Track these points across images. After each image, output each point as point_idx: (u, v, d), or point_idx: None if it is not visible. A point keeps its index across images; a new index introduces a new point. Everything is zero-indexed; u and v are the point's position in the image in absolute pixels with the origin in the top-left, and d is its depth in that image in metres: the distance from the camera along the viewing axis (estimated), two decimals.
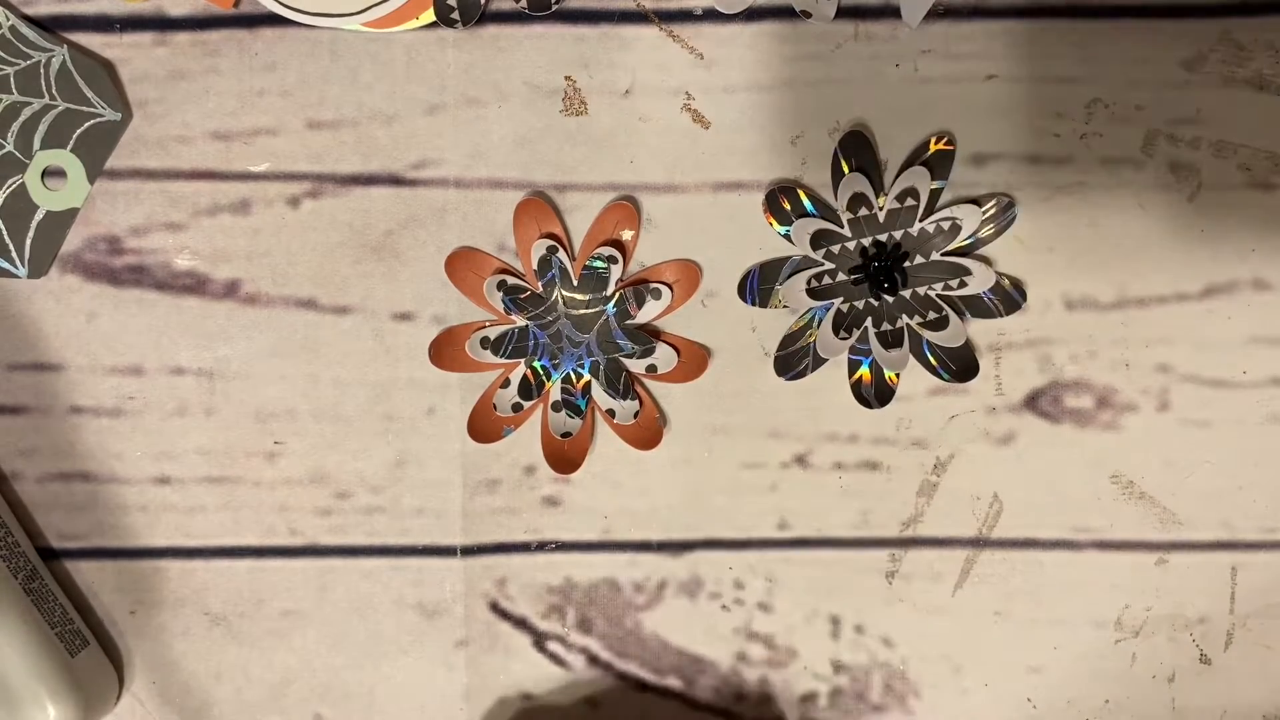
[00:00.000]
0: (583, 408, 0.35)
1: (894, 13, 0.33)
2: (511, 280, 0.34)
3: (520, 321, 0.34)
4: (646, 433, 0.35)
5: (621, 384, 0.34)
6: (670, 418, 0.35)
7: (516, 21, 0.34)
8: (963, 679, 0.36)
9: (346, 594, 0.36)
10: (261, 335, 0.35)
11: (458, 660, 0.36)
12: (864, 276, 0.34)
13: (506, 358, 0.34)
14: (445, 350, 0.34)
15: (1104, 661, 0.36)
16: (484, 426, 0.35)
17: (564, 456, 0.35)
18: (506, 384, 0.35)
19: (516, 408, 0.34)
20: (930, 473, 0.35)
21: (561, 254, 0.34)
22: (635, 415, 0.34)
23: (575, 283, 0.34)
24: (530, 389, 0.34)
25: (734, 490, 0.35)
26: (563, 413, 0.35)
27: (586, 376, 0.34)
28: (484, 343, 0.34)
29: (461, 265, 0.34)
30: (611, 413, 0.34)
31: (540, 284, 0.34)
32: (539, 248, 0.34)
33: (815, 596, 0.36)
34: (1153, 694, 0.36)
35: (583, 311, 0.34)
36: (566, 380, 0.34)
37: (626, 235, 0.34)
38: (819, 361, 0.34)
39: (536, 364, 0.34)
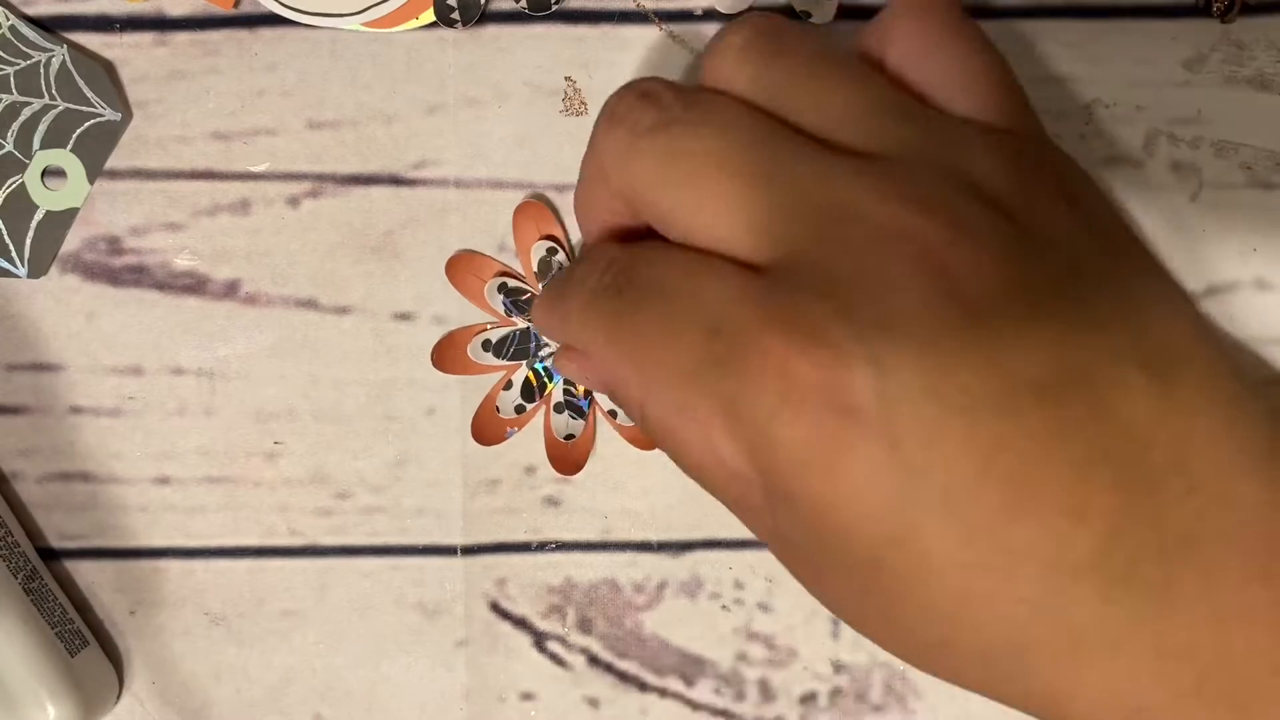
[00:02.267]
0: (585, 409, 0.35)
1: None
2: (512, 283, 0.34)
3: (521, 324, 0.34)
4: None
5: None
6: None
7: (516, 21, 0.34)
8: None
9: (347, 594, 0.36)
10: (261, 335, 0.35)
11: (458, 660, 0.36)
12: None
13: (508, 360, 0.34)
14: (447, 354, 0.34)
15: None
16: (488, 429, 0.35)
17: (567, 458, 0.35)
18: (509, 386, 0.35)
19: (519, 409, 0.34)
20: None
21: (562, 255, 0.34)
22: None
23: None
24: (533, 391, 0.34)
25: None
26: (565, 414, 0.35)
27: None
28: (485, 345, 0.34)
29: (462, 269, 0.34)
30: (614, 413, 0.34)
31: (541, 286, 0.34)
32: (539, 249, 0.34)
33: None
34: None
35: None
36: (569, 382, 0.34)
37: None
38: None
39: (539, 365, 0.34)
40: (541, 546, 0.36)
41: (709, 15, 0.34)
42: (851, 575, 0.24)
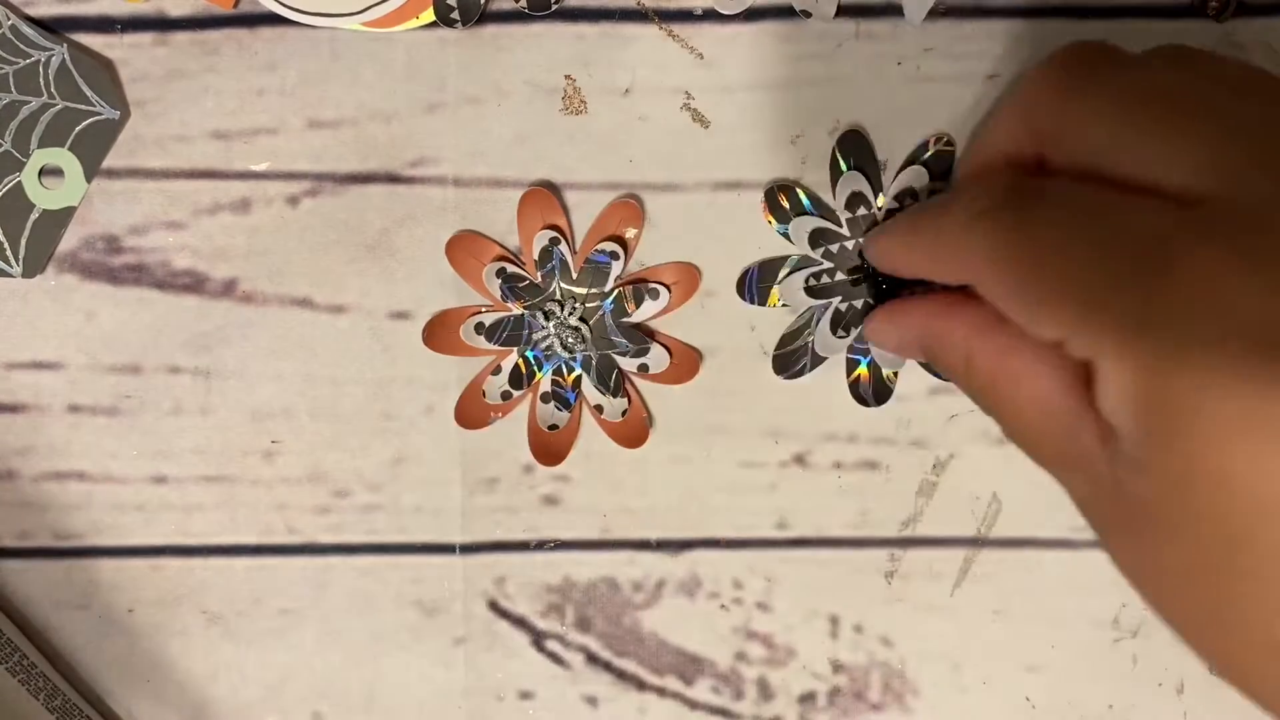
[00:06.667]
0: (571, 401, 0.35)
1: (894, 11, 0.33)
2: (511, 268, 0.34)
3: (516, 310, 0.34)
4: (632, 431, 0.35)
5: (613, 381, 0.34)
6: (668, 416, 0.35)
7: (516, 21, 0.34)
8: (961, 677, 0.36)
9: (345, 592, 0.36)
10: (258, 334, 0.35)
11: (456, 658, 0.36)
12: (862, 276, 0.34)
13: (500, 344, 0.34)
14: (438, 332, 0.34)
15: (1103, 661, 0.36)
16: (471, 413, 0.35)
17: (549, 448, 0.35)
18: (497, 371, 0.34)
19: (505, 395, 0.34)
20: (930, 472, 0.35)
21: (563, 246, 0.34)
22: (623, 414, 0.34)
23: (575, 275, 0.34)
24: (521, 378, 0.34)
25: (733, 489, 0.35)
26: (551, 404, 0.35)
27: (578, 371, 0.34)
28: (479, 328, 0.34)
29: (463, 250, 0.34)
30: (599, 408, 0.34)
31: (540, 274, 0.34)
32: (541, 238, 0.34)
33: (814, 596, 0.36)
34: (1160, 702, 0.36)
35: (580, 305, 0.34)
36: (557, 373, 0.34)
37: (630, 233, 0.34)
38: (817, 360, 0.34)
39: (529, 354, 0.34)
40: (540, 545, 0.36)
41: (709, 15, 0.34)
42: (1202, 547, 0.21)
